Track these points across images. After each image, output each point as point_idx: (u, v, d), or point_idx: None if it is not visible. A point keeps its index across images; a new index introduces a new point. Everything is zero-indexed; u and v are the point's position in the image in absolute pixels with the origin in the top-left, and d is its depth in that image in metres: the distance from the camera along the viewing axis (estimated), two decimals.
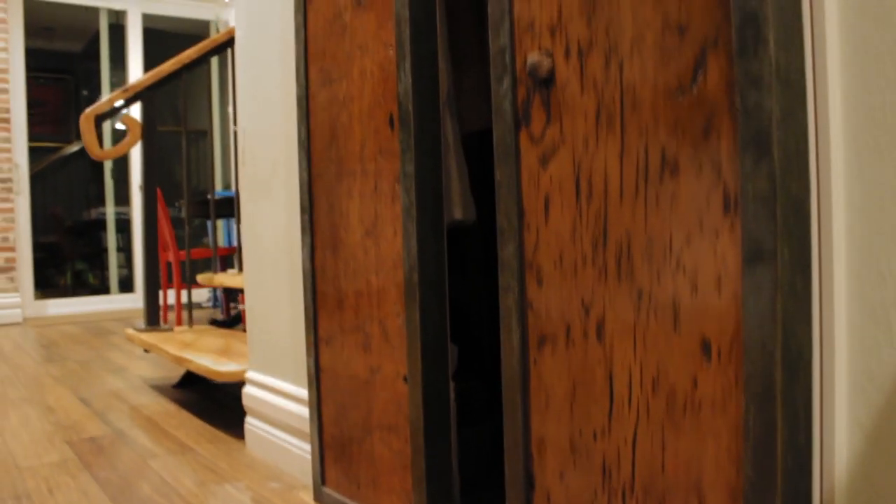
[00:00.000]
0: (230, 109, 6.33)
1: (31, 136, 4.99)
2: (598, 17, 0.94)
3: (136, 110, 3.71)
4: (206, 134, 6.81)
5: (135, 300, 5.34)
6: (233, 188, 6.25)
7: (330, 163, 1.50)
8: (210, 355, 2.29)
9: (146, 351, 3.38)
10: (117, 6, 5.28)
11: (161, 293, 3.36)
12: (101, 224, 6.29)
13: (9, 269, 4.75)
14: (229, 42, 3.07)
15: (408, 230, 1.27)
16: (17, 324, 4.81)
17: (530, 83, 1.03)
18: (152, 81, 2.92)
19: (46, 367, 3.23)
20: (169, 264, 4.33)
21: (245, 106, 2.00)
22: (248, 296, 2.03)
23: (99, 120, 2.84)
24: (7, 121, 4.75)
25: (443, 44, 1.48)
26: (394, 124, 1.32)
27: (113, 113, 2.87)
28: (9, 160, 4.74)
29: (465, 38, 1.65)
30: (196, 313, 4.82)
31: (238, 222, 3.28)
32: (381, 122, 1.35)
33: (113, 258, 5.65)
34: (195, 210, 4.05)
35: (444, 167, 1.44)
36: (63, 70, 7.05)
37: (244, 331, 2.79)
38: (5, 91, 4.76)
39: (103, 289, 5.66)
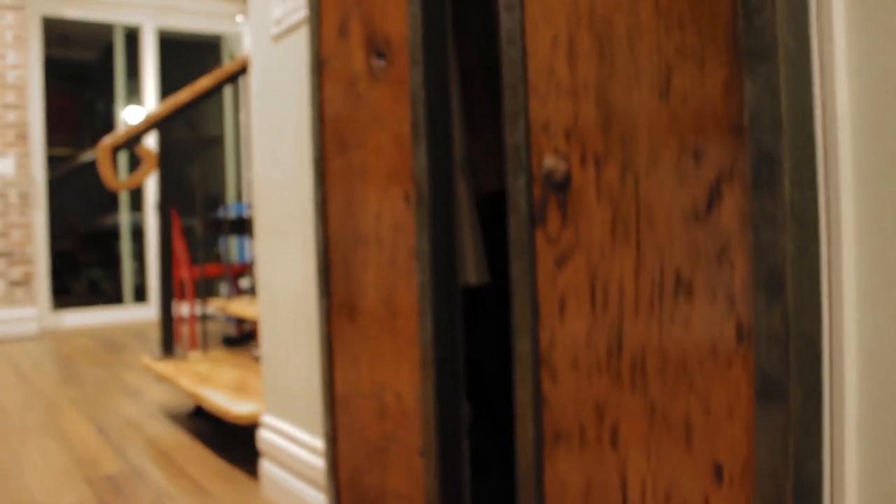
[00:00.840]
0: (242, 115, 6.35)
1: (47, 144, 5.03)
2: (613, 129, 0.95)
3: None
4: (218, 139, 6.85)
5: (148, 311, 5.39)
6: (244, 198, 6.28)
7: (346, 228, 1.51)
8: (225, 392, 2.31)
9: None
10: (132, 21, 5.31)
11: (176, 315, 3.39)
12: (115, 232, 6.35)
13: (26, 282, 4.80)
14: (243, 70, 3.10)
15: (423, 308, 1.29)
16: (35, 337, 4.86)
17: (546, 184, 1.05)
18: (168, 112, 2.94)
19: (63, 390, 3.27)
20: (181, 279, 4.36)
21: (260, 155, 2.02)
22: (263, 338, 2.05)
23: (115, 150, 2.87)
24: (25, 136, 4.80)
25: (457, 110, 1.50)
26: (409, 200, 1.33)
27: (130, 143, 2.90)
28: (27, 175, 4.79)
29: (478, 100, 1.67)
30: (208, 327, 4.85)
31: (251, 234, 3.31)
32: (396, 197, 1.36)
33: (127, 268, 5.70)
34: (208, 225, 4.08)
35: (458, 233, 1.45)
36: (78, 77, 7.10)
37: (257, 358, 2.82)
38: (23, 107, 4.80)
39: (117, 296, 5.71)
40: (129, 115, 6.15)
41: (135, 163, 5.88)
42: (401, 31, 1.34)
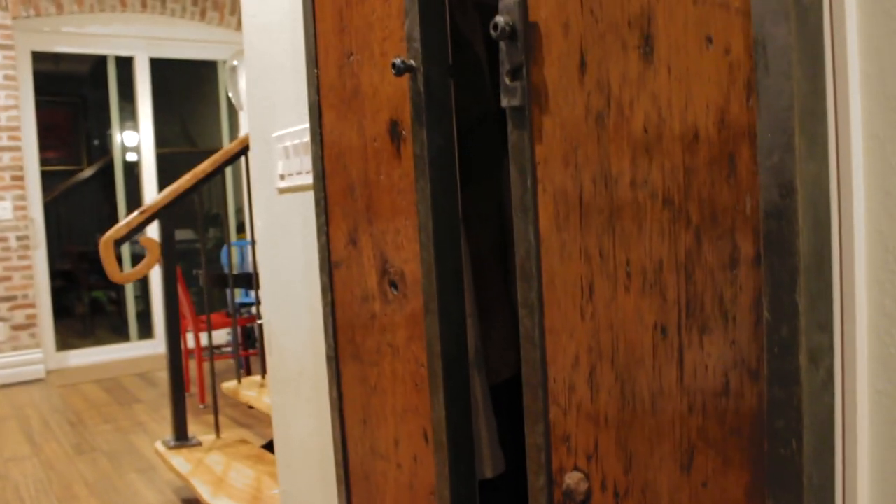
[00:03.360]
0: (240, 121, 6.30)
1: (41, 161, 4.97)
2: (635, 474, 0.97)
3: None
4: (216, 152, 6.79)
5: (154, 346, 5.42)
6: (245, 211, 6.22)
7: (364, 438, 1.53)
8: None
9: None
10: (125, 53, 5.23)
11: (187, 395, 3.39)
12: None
13: (30, 325, 4.82)
14: (243, 150, 3.08)
15: (442, 495, 1.31)
16: (41, 380, 4.90)
17: (566, 498, 1.07)
18: (168, 201, 2.93)
19: (76, 464, 3.31)
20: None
21: (269, 299, 2.02)
22: (280, 481, 2.08)
23: (118, 244, 2.87)
24: (21, 178, 4.77)
25: (471, 303, 1.51)
26: (428, 439, 1.35)
27: (131, 235, 2.89)
28: (25, 217, 4.77)
29: (492, 289, 1.67)
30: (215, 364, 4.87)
31: (256, 287, 3.32)
32: (415, 432, 1.38)
33: (130, 302, 5.71)
34: (213, 281, 4.09)
35: (474, 428, 1.48)
36: (71, 93, 7.01)
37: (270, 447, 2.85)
38: (18, 149, 4.76)
39: (121, 325, 5.74)
40: (126, 139, 6.10)
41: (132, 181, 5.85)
42: (414, 269, 1.34)
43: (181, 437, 3.01)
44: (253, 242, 3.93)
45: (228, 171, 6.29)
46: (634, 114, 0.93)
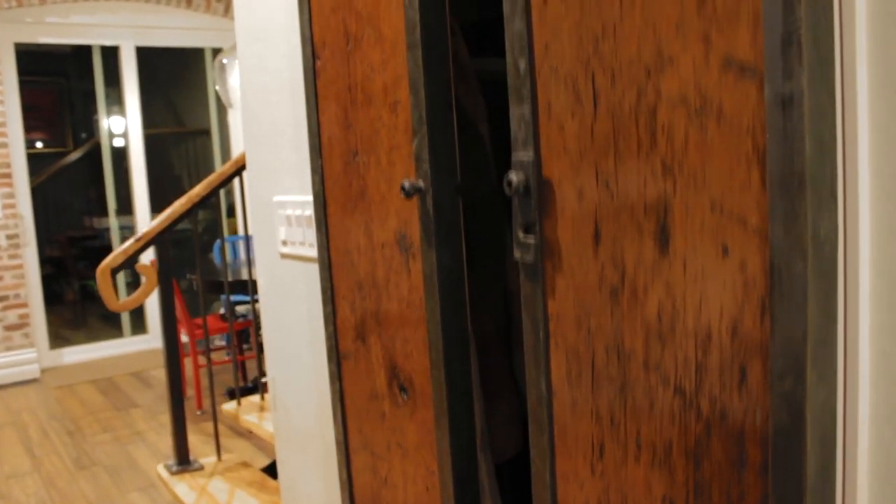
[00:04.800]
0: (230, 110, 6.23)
1: (26, 143, 4.91)
2: None
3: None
4: (204, 133, 6.74)
5: (148, 341, 5.44)
6: (234, 194, 6.17)
7: (374, 491, 1.58)
8: None
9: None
10: (110, 42, 5.13)
11: (187, 415, 3.42)
12: (104, 236, 6.32)
13: (23, 325, 4.82)
14: (237, 172, 3.07)
15: None
16: (36, 380, 4.92)
17: None
18: (164, 226, 2.93)
19: (78, 481, 3.36)
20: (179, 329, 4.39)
21: (274, 356, 2.05)
22: None
23: (114, 272, 2.87)
24: (9, 175, 4.71)
25: (476, 386, 1.54)
26: (431, 490, 1.39)
27: (128, 263, 2.89)
28: (14, 215, 4.73)
29: (497, 369, 1.70)
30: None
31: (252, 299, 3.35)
32: (421, 489, 1.42)
33: (123, 296, 5.69)
34: (208, 287, 4.10)
35: None
36: (55, 72, 6.89)
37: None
38: (5, 145, 4.69)
39: (114, 316, 5.74)
40: (113, 125, 6.02)
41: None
42: (423, 382, 1.37)
43: (183, 460, 3.05)
44: (247, 238, 3.93)
45: (217, 154, 6.24)
46: (648, 299, 0.95)
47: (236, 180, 3.05)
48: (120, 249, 2.87)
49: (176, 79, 6.86)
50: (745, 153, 0.82)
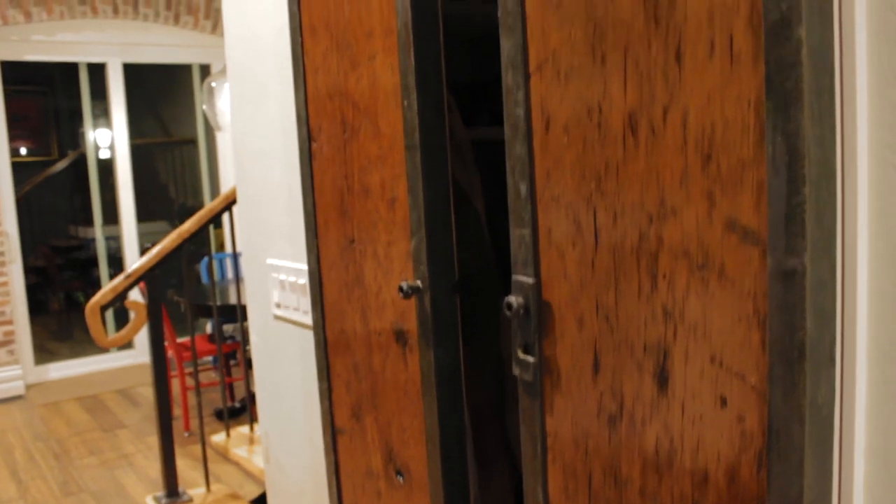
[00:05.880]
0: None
1: (11, 153, 4.85)
2: None
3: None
4: (191, 143, 6.70)
5: (134, 356, 5.41)
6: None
7: None
8: None
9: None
10: (97, 59, 5.08)
11: (177, 448, 3.41)
12: (89, 247, 6.27)
13: (8, 342, 4.78)
14: (227, 207, 3.06)
15: None
16: (21, 397, 4.88)
17: None
18: (153, 263, 2.91)
19: None
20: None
21: (267, 411, 2.05)
22: None
23: (103, 309, 2.86)
24: None
25: (471, 458, 1.55)
26: None
27: (117, 300, 2.88)
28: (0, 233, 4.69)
29: (491, 441, 1.71)
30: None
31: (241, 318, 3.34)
32: None
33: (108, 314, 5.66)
34: (196, 312, 4.09)
35: None
36: (40, 82, 6.81)
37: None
38: None
39: None
40: (99, 137, 5.97)
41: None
42: (420, 469, 1.38)
43: (172, 492, 3.05)
44: (235, 255, 3.92)
45: (203, 164, 6.20)
46: (647, 432, 0.97)
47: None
48: (109, 286, 2.86)
49: (163, 91, 6.81)
50: (745, 314, 0.84)
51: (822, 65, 0.76)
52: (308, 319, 1.78)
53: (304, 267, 1.75)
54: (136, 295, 4.45)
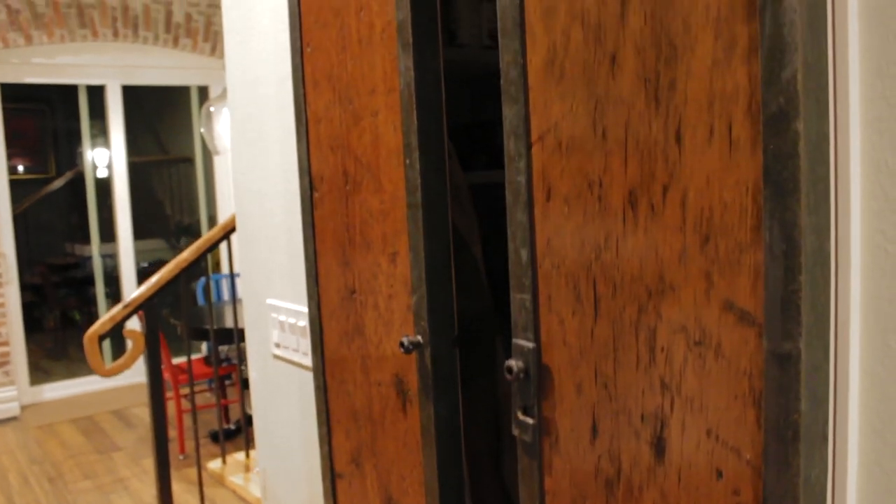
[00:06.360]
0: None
1: (8, 170, 4.85)
2: None
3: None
4: (188, 161, 6.71)
5: (129, 377, 5.39)
6: (219, 218, 6.14)
7: None
8: None
9: None
10: (96, 82, 5.11)
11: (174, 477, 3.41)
12: (86, 264, 6.27)
13: (3, 363, 4.78)
14: (225, 236, 3.08)
15: None
16: (15, 418, 4.88)
17: None
18: (152, 293, 2.92)
19: None
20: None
21: (265, 449, 2.06)
22: None
23: (101, 339, 2.86)
24: None
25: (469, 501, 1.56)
26: None
27: (115, 330, 2.89)
28: None
29: (487, 485, 1.73)
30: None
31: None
32: None
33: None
34: (193, 334, 4.09)
35: None
36: (39, 99, 6.83)
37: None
38: None
39: None
40: (97, 156, 5.99)
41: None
42: None
43: None
44: (232, 276, 3.93)
45: (200, 182, 6.21)
46: (644, 498, 0.98)
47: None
48: (107, 316, 2.87)
49: (161, 111, 6.83)
50: (741, 392, 0.85)
51: (819, 156, 0.78)
52: (307, 361, 1.79)
53: (304, 309, 1.76)
54: (133, 322, 4.46)
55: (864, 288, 0.81)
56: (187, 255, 3.00)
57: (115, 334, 2.90)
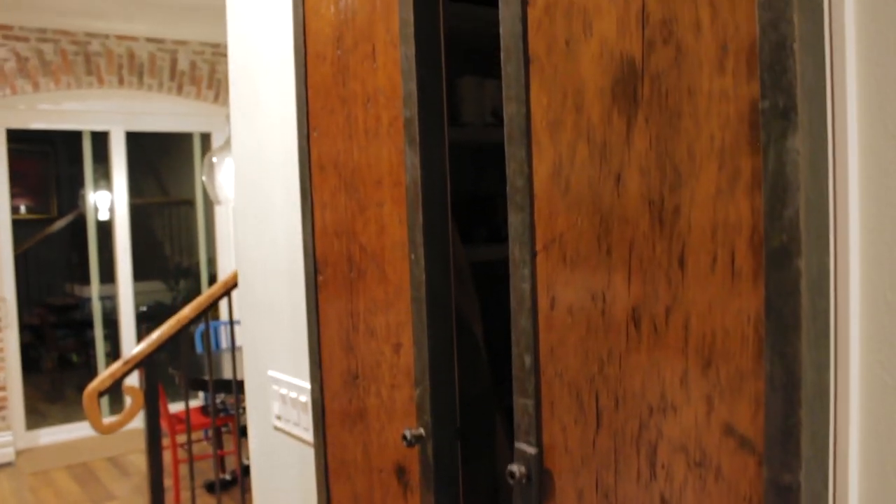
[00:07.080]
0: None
1: (11, 210, 4.86)
2: None
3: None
4: (188, 203, 6.75)
5: None
6: (218, 260, 6.16)
7: None
8: None
9: None
10: (101, 128, 5.16)
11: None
12: (85, 306, 6.27)
13: (1, 408, 4.76)
14: (226, 293, 3.08)
15: None
16: (10, 463, 4.84)
17: None
18: (151, 350, 2.93)
19: None
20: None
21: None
22: None
23: (101, 395, 2.86)
24: None
25: None
26: None
27: (114, 386, 2.89)
28: None
29: None
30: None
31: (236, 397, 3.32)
32: None
33: (101, 367, 5.65)
34: (192, 385, 4.08)
35: None
36: (43, 141, 6.89)
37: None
38: None
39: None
40: (99, 200, 6.02)
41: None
42: None
43: None
44: (231, 322, 3.93)
45: (201, 225, 6.23)
46: None
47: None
48: (107, 373, 2.87)
49: (163, 155, 6.89)
50: None
51: (820, 292, 0.80)
52: (308, 436, 1.79)
53: (306, 385, 1.77)
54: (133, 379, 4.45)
55: (863, 421, 0.82)
56: (188, 311, 3.01)
57: (115, 388, 2.90)
